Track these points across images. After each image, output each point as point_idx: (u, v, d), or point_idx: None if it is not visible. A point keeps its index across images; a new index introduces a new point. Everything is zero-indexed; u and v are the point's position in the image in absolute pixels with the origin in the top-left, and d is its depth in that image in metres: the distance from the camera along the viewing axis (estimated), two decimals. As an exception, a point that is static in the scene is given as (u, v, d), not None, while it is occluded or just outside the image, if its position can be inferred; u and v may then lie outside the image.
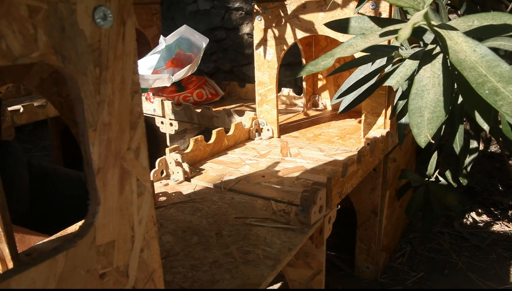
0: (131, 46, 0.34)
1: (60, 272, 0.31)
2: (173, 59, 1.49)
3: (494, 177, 1.55)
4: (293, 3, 1.07)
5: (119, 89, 0.33)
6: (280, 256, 0.63)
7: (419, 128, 0.62)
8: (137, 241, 0.37)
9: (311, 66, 0.71)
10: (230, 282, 0.57)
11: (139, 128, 0.35)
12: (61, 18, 0.29)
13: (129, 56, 0.33)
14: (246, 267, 0.60)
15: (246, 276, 0.58)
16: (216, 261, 0.62)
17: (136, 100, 0.35)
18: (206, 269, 0.60)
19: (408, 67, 0.77)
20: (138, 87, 0.35)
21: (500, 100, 0.52)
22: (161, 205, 0.81)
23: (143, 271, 0.38)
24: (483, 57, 0.55)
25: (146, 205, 0.37)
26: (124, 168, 0.35)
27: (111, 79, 0.32)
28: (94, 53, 0.31)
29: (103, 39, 0.31)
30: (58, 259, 0.31)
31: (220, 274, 0.59)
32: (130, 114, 0.34)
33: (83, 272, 0.33)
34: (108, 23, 0.31)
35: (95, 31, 0.31)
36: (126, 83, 0.34)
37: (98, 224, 0.33)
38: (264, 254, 0.63)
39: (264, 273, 0.58)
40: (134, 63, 0.34)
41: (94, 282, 0.34)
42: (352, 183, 0.89)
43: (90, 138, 0.32)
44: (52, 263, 0.30)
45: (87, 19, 0.30)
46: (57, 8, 0.28)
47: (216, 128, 1.10)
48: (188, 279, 0.58)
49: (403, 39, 0.55)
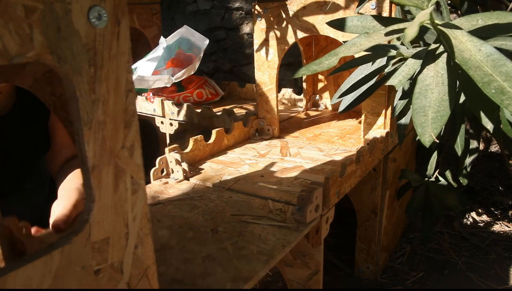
0: (126, 45, 0.34)
1: (55, 268, 0.31)
2: (173, 59, 1.49)
3: (494, 177, 1.55)
4: (294, 3, 1.07)
5: (113, 88, 0.33)
6: (274, 252, 0.63)
7: (423, 127, 0.62)
8: (131, 238, 0.37)
9: (315, 65, 0.71)
10: (222, 275, 0.57)
11: (133, 127, 0.36)
12: (56, 18, 0.29)
13: (123, 56, 0.34)
14: (239, 261, 0.61)
15: (238, 270, 0.59)
16: (210, 255, 0.63)
17: (130, 99, 0.35)
18: (199, 262, 0.61)
19: (411, 66, 0.77)
20: (132, 86, 0.35)
21: (506, 100, 0.52)
22: (159, 202, 0.81)
23: (137, 267, 0.38)
24: (488, 56, 0.55)
25: (140, 202, 0.37)
26: (119, 166, 0.35)
27: (105, 78, 0.33)
28: (89, 52, 0.31)
29: (98, 39, 0.32)
30: (54, 255, 0.31)
31: (213, 268, 0.59)
32: (124, 113, 0.35)
33: (78, 268, 0.33)
34: (103, 23, 0.32)
35: (90, 31, 0.31)
36: (120, 82, 0.34)
37: (93, 221, 0.34)
38: (258, 250, 0.64)
39: (257, 268, 0.59)
40: (128, 63, 0.34)
41: (89, 278, 0.34)
42: (350, 183, 0.89)
43: (85, 136, 0.32)
44: (48, 259, 0.31)
45: (82, 19, 0.30)
46: (52, 8, 0.28)
47: (216, 128, 1.10)
48: (180, 271, 0.59)
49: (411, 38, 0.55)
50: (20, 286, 0.29)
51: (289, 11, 1.09)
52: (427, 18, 0.58)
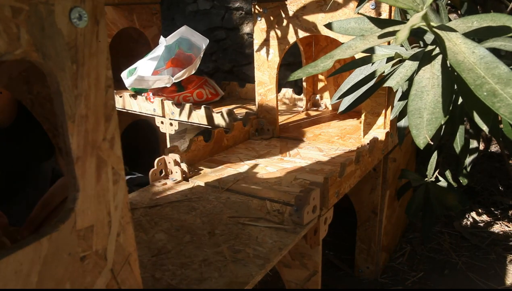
0: (104, 44, 0.36)
1: (44, 254, 0.33)
2: (173, 59, 1.49)
3: (494, 177, 1.55)
4: (294, 3, 1.07)
5: (94, 84, 0.36)
6: (270, 256, 0.63)
7: (418, 129, 0.62)
8: (114, 226, 0.39)
9: (310, 68, 0.71)
10: (218, 280, 0.58)
11: (113, 120, 0.38)
12: (41, 18, 0.31)
13: (102, 54, 0.36)
14: (235, 265, 0.61)
15: (234, 274, 0.59)
16: (206, 259, 0.63)
17: (110, 94, 0.37)
18: (195, 267, 0.61)
19: (408, 68, 0.77)
20: (111, 82, 0.37)
21: (498, 102, 0.52)
22: (157, 204, 0.81)
23: (120, 254, 0.40)
24: (481, 58, 0.55)
25: (121, 192, 0.39)
26: (100, 157, 0.37)
27: (87, 75, 0.35)
28: (71, 50, 0.33)
29: (79, 38, 0.34)
30: (43, 242, 0.33)
31: (209, 272, 0.60)
32: (105, 107, 0.37)
33: (65, 255, 0.35)
34: (83, 22, 0.34)
35: (72, 30, 0.33)
36: (100, 78, 0.36)
37: (78, 209, 0.36)
38: (254, 253, 0.64)
39: (253, 272, 0.59)
40: (107, 60, 0.36)
41: (75, 265, 0.36)
42: (350, 183, 0.89)
43: (69, 129, 0.34)
44: (37, 246, 0.32)
45: (64, 19, 0.32)
46: (37, 9, 0.30)
47: (216, 128, 1.10)
48: (176, 277, 0.59)
49: (401, 41, 0.55)
50: (11, 272, 0.31)
51: (289, 11, 1.09)
52: (419, 21, 0.58)
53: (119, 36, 1.70)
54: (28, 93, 0.65)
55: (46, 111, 0.70)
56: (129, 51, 1.91)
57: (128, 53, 1.90)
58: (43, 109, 0.66)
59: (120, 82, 1.53)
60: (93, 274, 0.37)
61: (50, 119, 0.72)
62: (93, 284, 0.38)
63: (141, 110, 1.54)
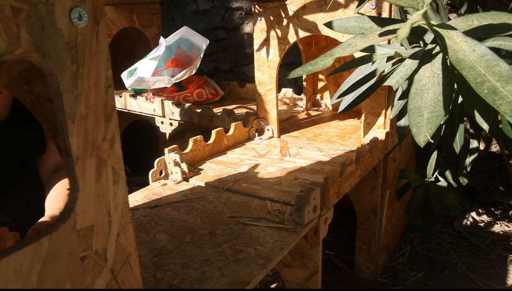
0: (104, 44, 0.36)
1: (44, 254, 0.33)
2: (173, 59, 1.49)
3: (494, 177, 1.55)
4: (294, 3, 1.07)
5: (94, 84, 0.35)
6: (272, 255, 0.63)
7: (418, 128, 0.62)
8: (114, 226, 0.39)
9: (310, 66, 0.71)
10: (220, 280, 0.58)
11: (113, 120, 0.38)
12: (41, 18, 0.31)
13: (102, 53, 0.36)
14: (236, 265, 0.61)
15: (235, 274, 0.59)
16: (208, 259, 0.63)
17: (110, 94, 0.37)
18: (197, 267, 0.61)
19: (408, 67, 0.77)
20: (111, 82, 0.37)
21: (499, 100, 0.52)
22: (157, 204, 0.81)
23: (120, 254, 0.40)
24: (482, 56, 0.55)
25: (121, 191, 0.39)
26: (100, 157, 0.37)
27: (87, 75, 0.35)
28: (71, 50, 0.33)
29: (79, 38, 0.34)
30: (43, 242, 0.33)
31: (210, 272, 0.60)
32: (105, 107, 0.37)
33: (65, 255, 0.35)
34: (83, 22, 0.34)
35: (72, 30, 0.33)
36: (100, 78, 0.36)
37: (78, 209, 0.35)
38: (256, 253, 0.64)
39: (254, 272, 0.59)
40: (107, 60, 0.36)
41: (75, 265, 0.36)
42: (350, 183, 0.89)
43: (69, 129, 0.34)
44: (37, 246, 0.32)
45: (64, 19, 0.32)
46: (37, 9, 0.30)
47: (216, 128, 1.10)
48: (178, 277, 0.59)
49: (402, 39, 0.55)
50: (11, 272, 0.31)
51: (289, 11, 1.09)
52: (419, 20, 0.58)
53: (119, 36, 1.70)
54: (28, 93, 0.65)
55: (46, 111, 0.70)
56: (129, 51, 1.91)
57: (128, 53, 1.90)
58: (43, 109, 0.67)
59: (120, 82, 1.53)
60: (93, 274, 0.37)
61: (50, 119, 0.72)
62: (93, 284, 0.38)
63: (141, 110, 1.54)
